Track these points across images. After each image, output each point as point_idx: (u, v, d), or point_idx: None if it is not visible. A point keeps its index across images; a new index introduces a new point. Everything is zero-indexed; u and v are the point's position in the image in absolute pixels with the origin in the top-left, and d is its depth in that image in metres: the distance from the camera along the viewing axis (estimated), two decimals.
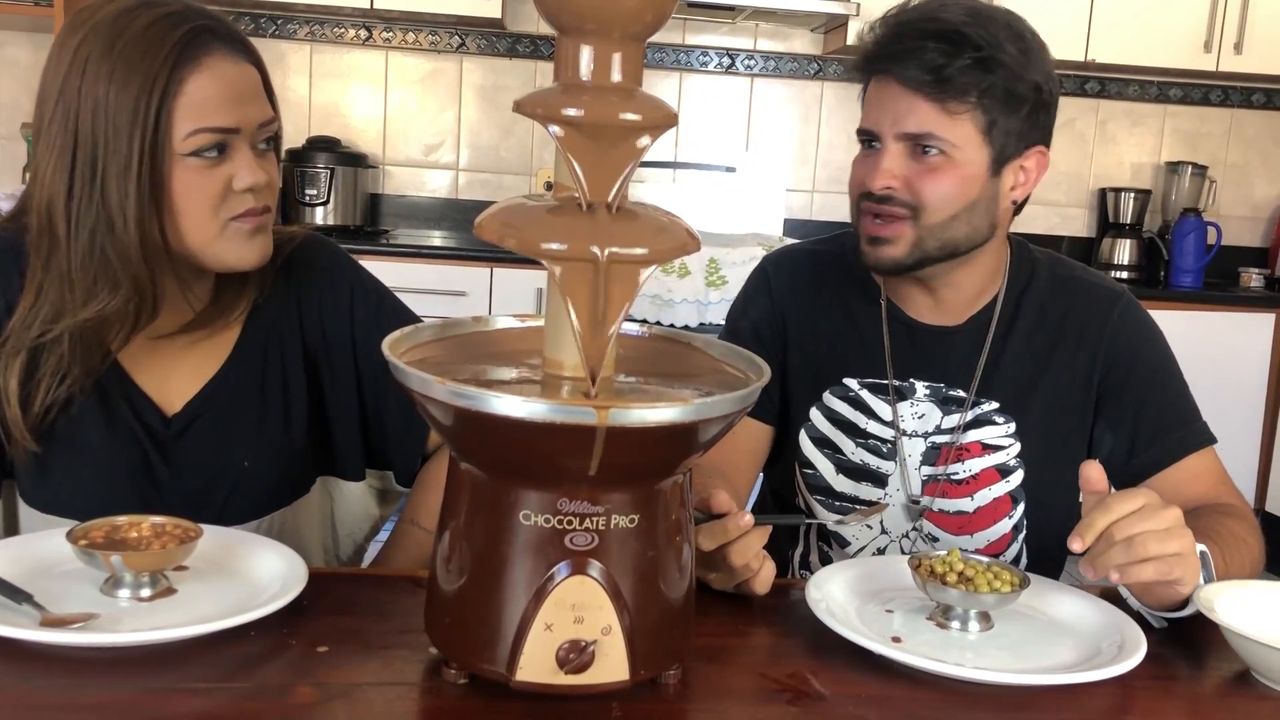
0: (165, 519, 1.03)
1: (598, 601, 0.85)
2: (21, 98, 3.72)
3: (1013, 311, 1.34)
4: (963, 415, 1.33)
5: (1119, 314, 1.33)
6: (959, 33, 1.19)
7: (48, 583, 0.99)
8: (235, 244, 1.14)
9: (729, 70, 4.01)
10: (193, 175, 1.10)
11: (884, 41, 1.22)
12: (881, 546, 1.37)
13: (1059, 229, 4.17)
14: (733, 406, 0.85)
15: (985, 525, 1.34)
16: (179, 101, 1.08)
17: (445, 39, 3.90)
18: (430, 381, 0.82)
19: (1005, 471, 1.33)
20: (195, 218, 1.12)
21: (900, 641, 1.00)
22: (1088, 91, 4.10)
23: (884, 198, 1.23)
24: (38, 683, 0.86)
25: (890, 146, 1.23)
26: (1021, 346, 1.34)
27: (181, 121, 1.08)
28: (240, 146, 1.13)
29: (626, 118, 0.82)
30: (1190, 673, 1.04)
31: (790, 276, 1.42)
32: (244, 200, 1.13)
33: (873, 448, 1.35)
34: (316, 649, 0.94)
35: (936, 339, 1.34)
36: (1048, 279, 1.36)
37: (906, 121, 1.21)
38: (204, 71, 1.10)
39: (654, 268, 0.85)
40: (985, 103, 1.20)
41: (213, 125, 1.10)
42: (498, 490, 0.86)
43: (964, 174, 1.22)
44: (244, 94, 1.13)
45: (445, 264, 3.41)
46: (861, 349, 1.36)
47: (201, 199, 1.11)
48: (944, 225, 1.24)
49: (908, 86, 1.20)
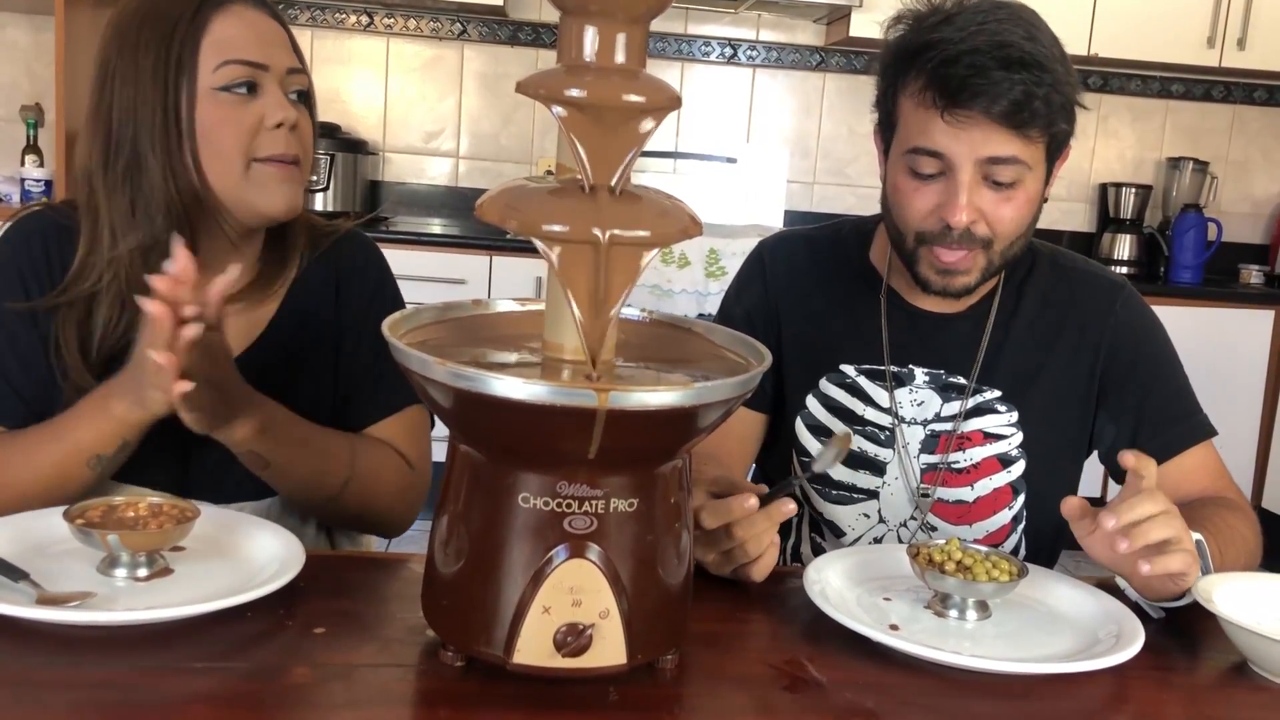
0: (163, 499, 1.03)
1: (596, 585, 0.85)
2: (21, 79, 3.71)
3: (1014, 300, 1.34)
4: (963, 402, 1.32)
5: (1122, 305, 1.34)
6: (1033, 59, 1.15)
7: (44, 561, 0.99)
8: (263, 187, 1.16)
9: (731, 61, 4.01)
10: (224, 109, 1.14)
11: (961, 73, 1.15)
12: (879, 535, 1.36)
13: (1060, 224, 4.17)
14: (733, 391, 0.84)
15: (985, 515, 1.34)
16: (205, 40, 1.13)
17: (446, 26, 3.89)
18: (430, 363, 0.81)
19: (1007, 461, 1.33)
20: (225, 155, 1.14)
21: (898, 629, 1.00)
22: (1090, 86, 4.09)
23: (962, 233, 1.21)
24: (33, 660, 0.86)
25: (969, 177, 1.19)
26: (1024, 334, 1.34)
27: (208, 57, 1.13)
28: (270, 86, 1.16)
29: (630, 99, 0.81)
30: (1188, 663, 1.04)
31: (786, 262, 1.41)
32: (275, 140, 1.15)
33: (871, 435, 1.35)
34: (313, 630, 0.94)
35: (937, 325, 1.34)
36: (1049, 269, 1.37)
37: (988, 147, 1.17)
38: (229, 15, 1.15)
39: (656, 251, 0.84)
40: (1055, 125, 1.19)
41: (240, 58, 1.14)
42: (497, 473, 0.85)
43: (1031, 196, 1.23)
44: (269, 39, 1.17)
45: (445, 251, 3.40)
46: (859, 335, 1.36)
47: (232, 132, 1.14)
48: (1010, 247, 1.25)
49: (993, 120, 1.16)
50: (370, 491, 1.23)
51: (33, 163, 3.52)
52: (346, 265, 1.32)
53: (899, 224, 1.26)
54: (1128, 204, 4.01)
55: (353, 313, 1.31)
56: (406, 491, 1.28)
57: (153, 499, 1.03)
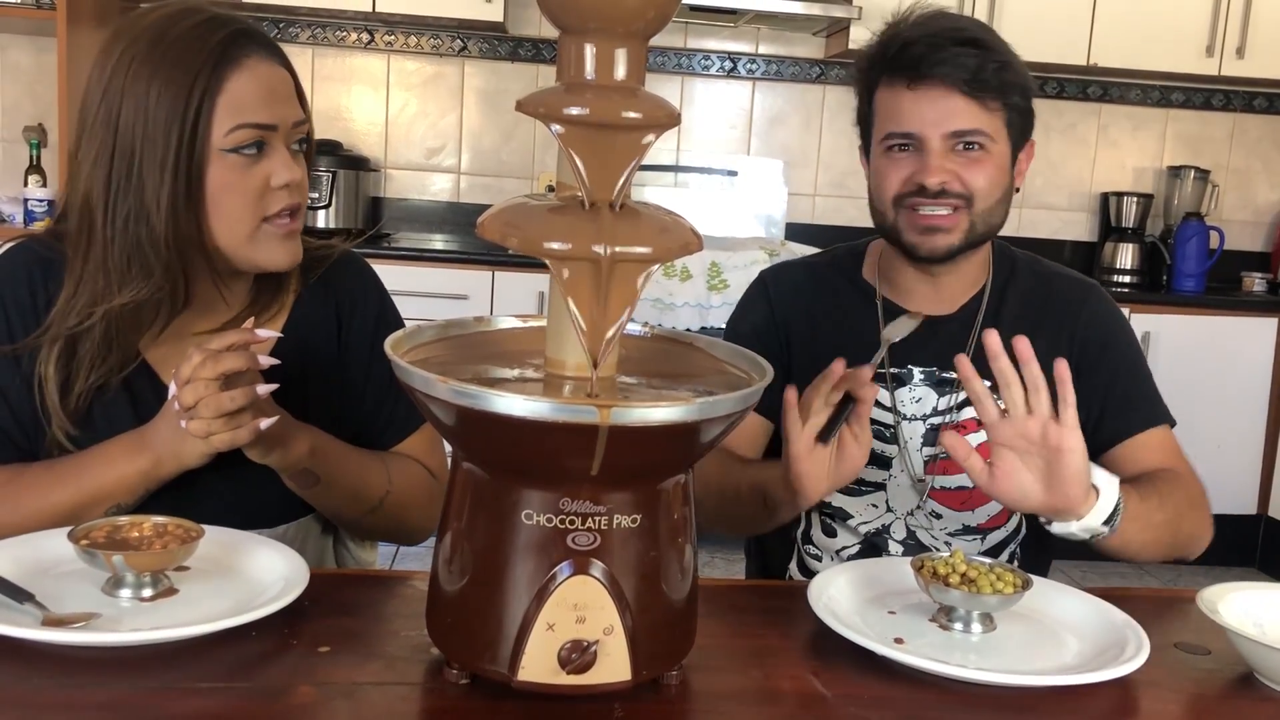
0: (167, 519, 1.03)
1: (600, 601, 0.85)
2: (24, 101, 3.73)
3: (999, 301, 1.44)
4: (956, 395, 1.40)
5: (1093, 303, 1.45)
6: (984, 40, 1.32)
7: (49, 583, 0.99)
8: (268, 246, 1.18)
9: (731, 74, 4.02)
10: (232, 172, 1.14)
11: (920, 50, 1.31)
12: (887, 523, 1.41)
13: (1061, 233, 4.17)
14: (735, 406, 0.84)
15: (986, 499, 1.38)
16: (220, 99, 1.12)
17: (447, 42, 3.91)
18: (433, 381, 0.82)
19: None
20: (233, 215, 1.15)
21: (903, 643, 1.00)
22: (1090, 96, 4.10)
23: (938, 192, 1.32)
24: (39, 682, 0.86)
25: (938, 144, 1.32)
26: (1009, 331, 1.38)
27: (223, 118, 1.13)
28: (277, 145, 1.17)
29: (629, 116, 0.82)
30: (1194, 674, 1.03)
31: (789, 285, 1.51)
32: (280, 198, 1.17)
33: (876, 433, 1.40)
34: (318, 649, 0.94)
35: (931, 328, 1.41)
36: (1027, 274, 1.46)
37: (953, 120, 1.31)
38: (244, 71, 1.14)
39: (657, 266, 0.85)
40: (1009, 100, 1.33)
41: (253, 121, 1.14)
42: (500, 490, 0.86)
43: (999, 164, 1.34)
44: (280, 94, 1.18)
45: (447, 267, 3.41)
46: (860, 342, 1.42)
47: (240, 196, 1.15)
48: (990, 211, 1.35)
49: (952, 88, 1.30)
50: (406, 502, 1.27)
51: (36, 183, 3.53)
52: (346, 293, 1.33)
53: (880, 202, 1.37)
54: (1129, 213, 4.01)
55: (360, 340, 1.33)
56: (435, 500, 1.30)
57: (157, 519, 1.03)
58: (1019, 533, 1.41)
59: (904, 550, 1.41)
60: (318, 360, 1.30)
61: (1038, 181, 4.14)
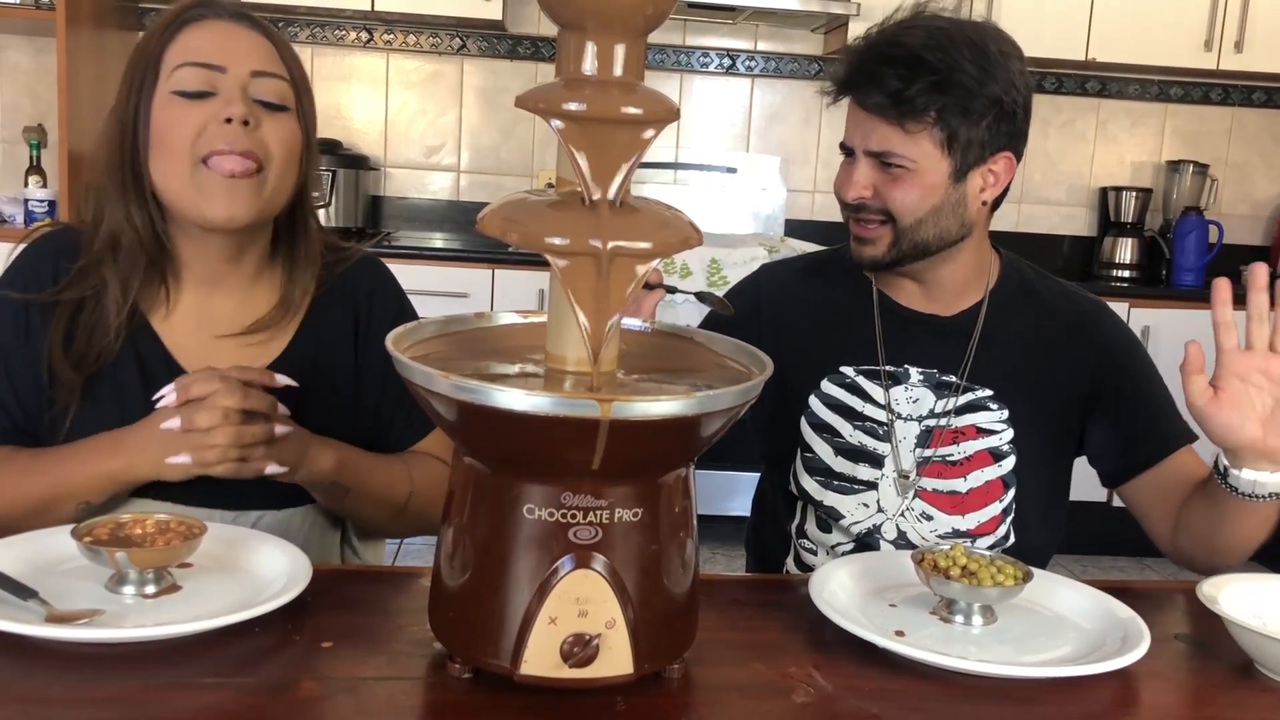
0: (170, 515, 1.03)
1: (601, 595, 0.85)
2: (23, 101, 3.73)
3: (1002, 310, 1.42)
4: (955, 400, 1.39)
5: (1108, 322, 1.43)
6: (916, 57, 1.27)
7: (53, 580, 0.99)
8: (208, 192, 1.14)
9: (730, 71, 4.02)
10: (173, 111, 1.15)
11: (849, 69, 1.34)
12: (878, 524, 1.40)
13: (1060, 228, 4.17)
14: (735, 400, 0.85)
15: (977, 506, 1.38)
16: (171, 49, 1.16)
17: (446, 41, 3.91)
18: (434, 376, 0.82)
19: (998, 456, 1.38)
20: (174, 155, 1.14)
21: (904, 635, 1.00)
22: (1088, 91, 4.10)
23: (859, 206, 1.34)
24: (43, 679, 0.86)
25: (861, 160, 1.34)
26: (1012, 341, 1.41)
27: (169, 62, 1.15)
28: (228, 90, 1.15)
29: (628, 111, 0.82)
30: (1193, 665, 1.04)
31: (784, 281, 1.51)
32: (220, 136, 1.13)
33: (869, 430, 1.40)
34: (321, 644, 0.94)
35: (928, 326, 1.41)
36: (1036, 288, 1.45)
37: (870, 140, 1.32)
38: (198, 28, 1.17)
39: (657, 261, 0.85)
40: (944, 119, 1.28)
41: (198, 60, 1.15)
42: (501, 485, 0.86)
43: (926, 183, 1.31)
44: (240, 45, 1.17)
45: (447, 265, 3.41)
46: (856, 337, 1.43)
47: (179, 134, 1.14)
48: (914, 228, 1.33)
49: (870, 111, 1.31)
50: (429, 499, 1.28)
51: (36, 183, 3.53)
52: (365, 294, 1.34)
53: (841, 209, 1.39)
54: (1128, 208, 4.02)
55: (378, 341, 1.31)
56: None
57: (160, 516, 1.03)
58: (1006, 540, 1.39)
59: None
60: (334, 359, 1.31)
61: (1036, 177, 4.15)
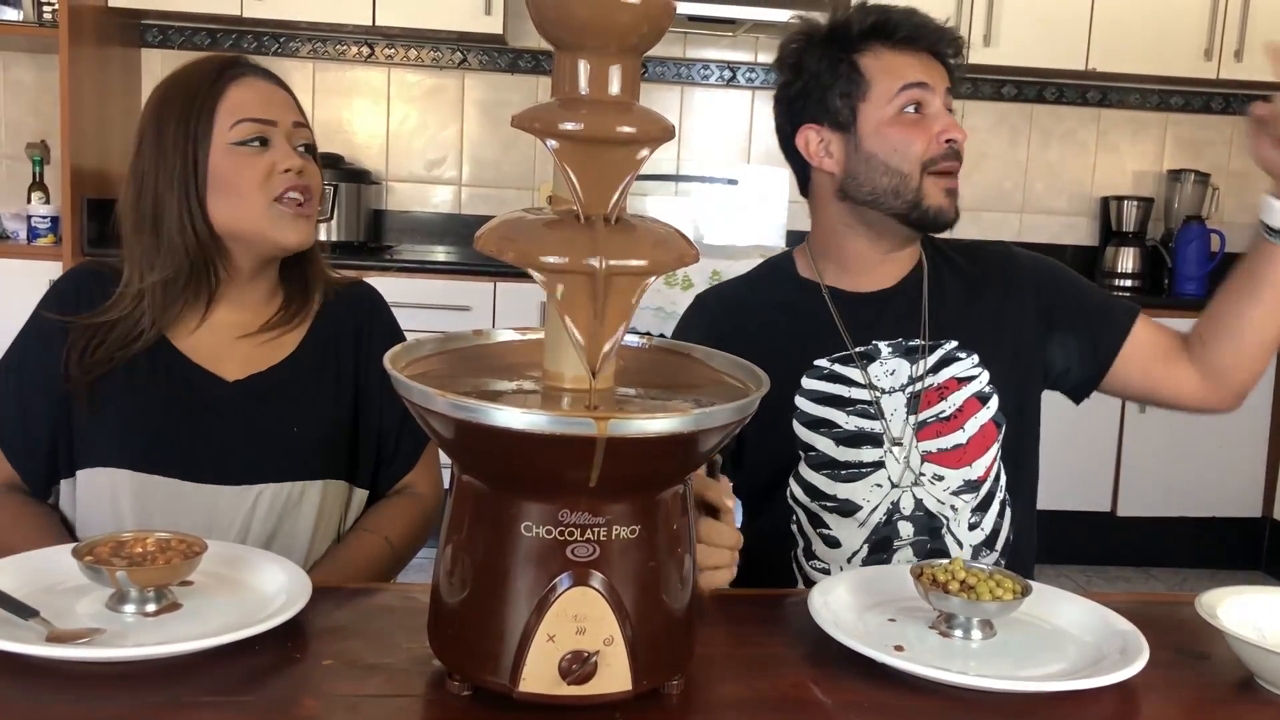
0: (170, 534, 1.04)
1: (599, 612, 0.85)
2: (27, 118, 3.75)
3: (936, 269, 1.49)
4: (927, 360, 1.43)
5: (1022, 256, 1.53)
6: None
7: (54, 598, 0.99)
8: (282, 223, 1.33)
9: (730, 83, 4.03)
10: (241, 159, 1.31)
11: (921, 24, 1.41)
12: (895, 500, 1.40)
13: (1061, 238, 4.18)
14: (732, 416, 0.85)
15: (980, 453, 1.42)
16: (221, 106, 1.32)
17: (447, 55, 3.92)
18: (431, 395, 0.82)
19: (983, 398, 1.43)
20: (247, 197, 1.31)
21: (903, 650, 1.00)
22: (1089, 100, 4.11)
23: (954, 152, 1.39)
24: (45, 698, 0.87)
25: (943, 100, 1.40)
26: (957, 292, 1.49)
27: (224, 119, 1.31)
28: (279, 141, 1.34)
29: (623, 130, 0.82)
30: (1193, 679, 1.04)
31: (729, 299, 1.52)
32: (285, 180, 1.32)
33: (861, 411, 1.42)
34: (321, 662, 0.95)
35: (879, 301, 1.46)
36: (950, 248, 1.53)
37: (944, 82, 1.40)
38: (242, 85, 1.34)
39: (653, 279, 0.85)
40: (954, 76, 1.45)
41: (253, 116, 1.32)
42: (499, 502, 0.86)
43: None
44: (277, 102, 1.36)
45: (448, 279, 3.42)
46: (819, 330, 1.45)
47: (250, 179, 1.31)
48: None
49: (936, 56, 1.41)
50: (410, 544, 1.43)
51: (39, 199, 3.55)
52: (365, 316, 1.45)
53: (904, 163, 1.38)
54: (1130, 217, 4.02)
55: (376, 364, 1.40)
56: (429, 518, 1.46)
57: (160, 534, 1.04)
58: (999, 478, 1.43)
59: (914, 528, 1.40)
60: (336, 373, 1.41)
61: (1038, 187, 4.15)
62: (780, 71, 1.48)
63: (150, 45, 3.82)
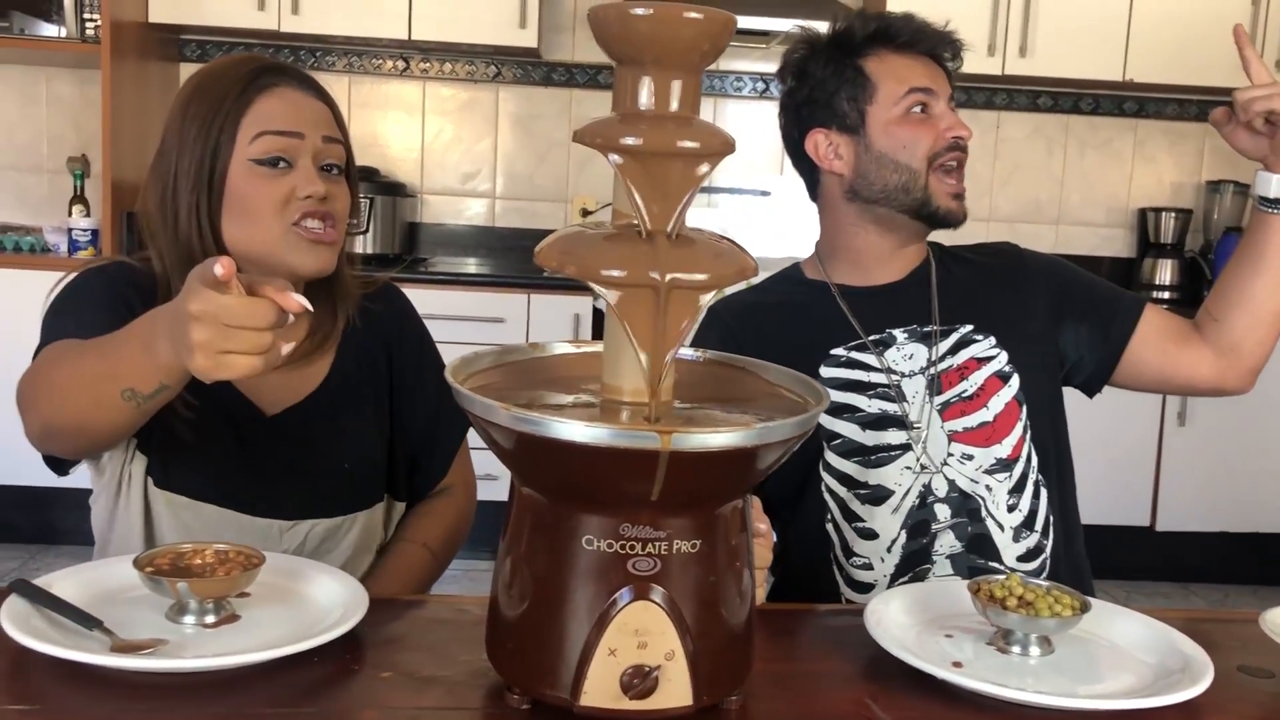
0: (229, 546, 1.05)
1: (661, 627, 0.85)
2: (68, 132, 3.80)
3: (944, 264, 1.52)
4: (944, 342, 1.45)
5: (1028, 253, 1.56)
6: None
7: (115, 609, 1.00)
8: (297, 250, 1.24)
9: (764, 95, 4.03)
10: (258, 181, 1.23)
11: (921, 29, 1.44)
12: (927, 483, 1.40)
13: (1099, 249, 4.14)
14: (794, 430, 0.85)
15: (1007, 430, 1.43)
16: (246, 116, 1.23)
17: (481, 69, 3.95)
18: (494, 407, 0.83)
19: (1004, 377, 1.44)
20: (263, 221, 1.23)
21: (961, 666, 0.99)
22: (1126, 111, 4.08)
23: (959, 146, 1.42)
24: (111, 707, 0.88)
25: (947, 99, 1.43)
26: (968, 280, 1.51)
27: (247, 130, 1.23)
28: (303, 161, 1.25)
29: (684, 145, 0.83)
30: (1259, 697, 1.02)
31: (740, 306, 1.53)
32: (304, 206, 1.24)
33: (883, 394, 1.43)
34: (380, 675, 0.95)
35: (890, 293, 1.48)
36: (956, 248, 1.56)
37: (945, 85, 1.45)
38: (272, 95, 1.25)
39: (713, 293, 0.85)
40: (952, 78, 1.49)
41: (276, 129, 1.23)
42: (560, 516, 0.86)
43: None
44: (308, 114, 1.26)
45: (482, 291, 3.44)
46: (833, 324, 1.47)
47: (266, 202, 1.23)
48: None
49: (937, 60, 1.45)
50: (450, 548, 1.43)
51: (79, 213, 3.59)
52: (394, 322, 1.43)
53: (912, 159, 1.41)
54: (1168, 228, 3.98)
55: (408, 365, 1.42)
56: (467, 516, 1.47)
57: (219, 546, 1.04)
58: (1030, 459, 1.43)
59: (951, 510, 1.39)
60: (373, 394, 1.38)
61: (1074, 198, 4.12)
62: (785, 79, 1.51)
63: (189, 60, 3.87)
